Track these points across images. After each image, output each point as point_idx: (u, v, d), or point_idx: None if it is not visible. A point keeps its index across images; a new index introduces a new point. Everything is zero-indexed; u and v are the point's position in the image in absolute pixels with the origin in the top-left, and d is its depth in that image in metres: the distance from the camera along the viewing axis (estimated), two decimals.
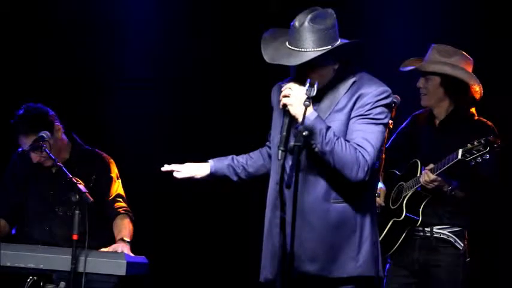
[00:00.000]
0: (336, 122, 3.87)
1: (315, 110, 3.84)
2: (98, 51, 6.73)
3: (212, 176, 4.26)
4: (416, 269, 5.08)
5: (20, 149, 5.30)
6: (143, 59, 6.76)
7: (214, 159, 4.29)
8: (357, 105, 3.87)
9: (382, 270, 4.05)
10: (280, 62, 3.84)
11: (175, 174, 4.24)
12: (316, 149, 3.78)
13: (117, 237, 5.12)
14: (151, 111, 6.74)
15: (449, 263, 5.02)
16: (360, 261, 3.88)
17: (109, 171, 5.31)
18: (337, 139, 3.79)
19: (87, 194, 4.65)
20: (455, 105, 5.09)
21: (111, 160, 5.39)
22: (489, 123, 5.06)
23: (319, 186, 3.87)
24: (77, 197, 4.63)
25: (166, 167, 4.22)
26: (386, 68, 5.22)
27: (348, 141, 3.81)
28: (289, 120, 3.83)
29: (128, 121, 6.71)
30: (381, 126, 3.87)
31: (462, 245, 5.03)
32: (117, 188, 5.32)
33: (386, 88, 3.91)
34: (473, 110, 5.10)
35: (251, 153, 4.33)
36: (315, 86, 3.87)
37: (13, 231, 5.31)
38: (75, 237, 4.59)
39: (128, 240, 5.08)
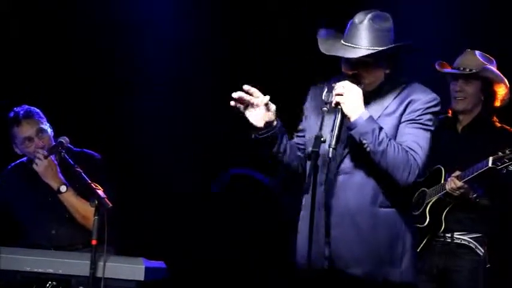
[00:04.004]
0: (386, 126, 3.88)
1: None
2: (116, 51, 6.74)
3: (270, 127, 3.90)
4: (436, 274, 5.06)
5: (10, 166, 5.30)
6: (163, 59, 6.77)
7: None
8: (408, 110, 3.90)
9: None
10: (337, 53, 3.87)
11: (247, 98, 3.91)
12: (368, 149, 3.79)
13: None
14: (170, 111, 6.76)
15: (470, 269, 5.02)
16: (403, 267, 3.90)
17: (102, 172, 5.17)
18: (389, 140, 3.81)
19: (105, 199, 4.64)
20: (481, 111, 5.08)
21: (103, 160, 5.29)
22: None
23: (367, 189, 3.88)
24: (96, 202, 4.62)
25: (239, 93, 3.91)
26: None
27: (400, 144, 3.84)
28: (342, 118, 3.83)
29: (147, 121, 6.73)
30: (429, 132, 3.91)
31: (483, 251, 5.02)
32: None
33: (436, 96, 3.96)
34: (495, 117, 5.10)
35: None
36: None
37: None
38: (94, 242, 4.58)
39: None
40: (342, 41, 3.91)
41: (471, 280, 5.01)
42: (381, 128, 3.81)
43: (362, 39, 3.88)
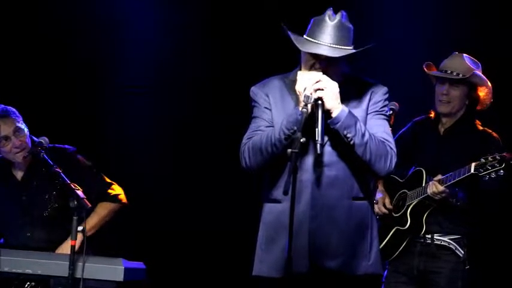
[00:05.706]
0: None
1: None
2: (97, 53, 6.72)
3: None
4: (416, 275, 5.07)
5: None
6: (142, 61, 6.76)
7: None
8: (371, 102, 3.99)
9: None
10: (323, 52, 3.84)
11: None
12: (352, 142, 3.84)
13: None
14: (150, 113, 6.74)
15: (449, 270, 5.02)
16: (372, 259, 3.98)
17: (78, 164, 5.17)
18: (369, 132, 3.88)
19: (85, 199, 4.63)
20: (464, 114, 5.10)
21: (76, 151, 5.24)
22: (494, 134, 5.06)
23: (342, 182, 3.92)
24: (75, 202, 4.60)
25: None
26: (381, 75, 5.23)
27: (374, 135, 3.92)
28: (323, 113, 3.83)
29: (127, 123, 6.71)
30: (388, 121, 4.06)
31: (462, 252, 5.02)
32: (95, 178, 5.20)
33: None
34: (477, 120, 5.12)
35: None
36: None
37: (1, 241, 5.28)
38: (73, 243, 4.57)
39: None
40: (317, 40, 3.89)
41: (451, 281, 5.01)
42: (359, 121, 3.88)
43: (343, 39, 3.90)
